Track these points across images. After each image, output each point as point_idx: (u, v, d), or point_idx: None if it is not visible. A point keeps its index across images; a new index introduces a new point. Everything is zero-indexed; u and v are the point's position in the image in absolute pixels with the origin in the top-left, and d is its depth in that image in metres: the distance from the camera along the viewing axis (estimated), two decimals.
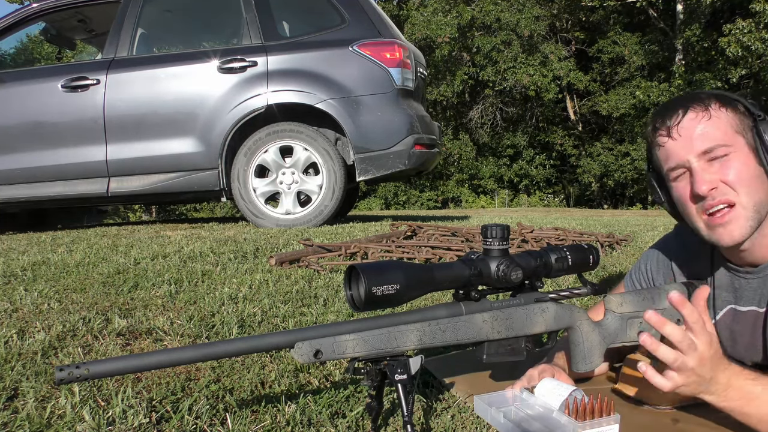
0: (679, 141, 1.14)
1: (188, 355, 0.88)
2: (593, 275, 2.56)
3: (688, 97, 1.18)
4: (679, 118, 1.14)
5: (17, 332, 1.57)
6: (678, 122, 1.14)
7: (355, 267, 0.95)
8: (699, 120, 1.13)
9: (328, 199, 3.87)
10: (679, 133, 1.14)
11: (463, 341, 1.02)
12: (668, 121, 1.15)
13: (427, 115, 4.29)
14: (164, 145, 3.92)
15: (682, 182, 1.16)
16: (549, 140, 23.14)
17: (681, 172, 1.16)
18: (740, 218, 1.12)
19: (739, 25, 14.80)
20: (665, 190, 1.23)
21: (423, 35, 18.87)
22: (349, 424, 1.12)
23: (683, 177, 1.16)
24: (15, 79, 4.04)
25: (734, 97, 1.17)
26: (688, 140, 1.13)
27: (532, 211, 12.68)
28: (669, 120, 1.15)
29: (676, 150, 1.14)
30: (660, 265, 1.39)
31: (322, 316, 1.80)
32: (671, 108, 1.17)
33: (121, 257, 2.69)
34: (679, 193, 1.18)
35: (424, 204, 23.51)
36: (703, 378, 0.99)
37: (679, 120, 1.14)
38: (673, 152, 1.15)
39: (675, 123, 1.14)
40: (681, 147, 1.14)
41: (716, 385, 1.00)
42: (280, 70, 3.91)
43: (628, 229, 4.63)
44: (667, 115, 1.16)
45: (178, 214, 19.85)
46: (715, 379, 0.99)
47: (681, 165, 1.15)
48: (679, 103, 1.17)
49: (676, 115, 1.15)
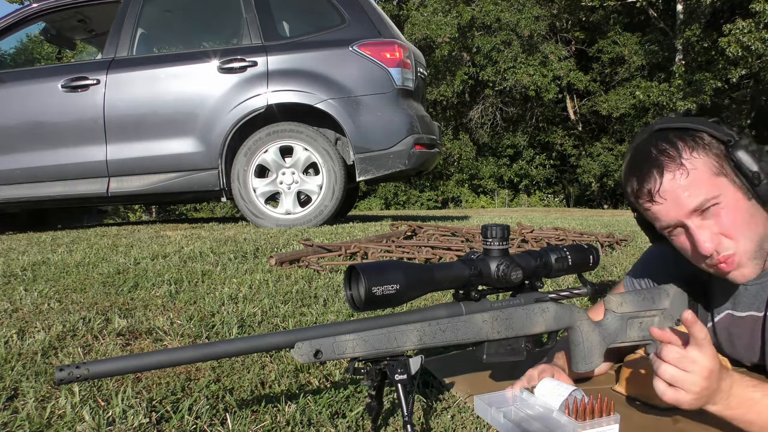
0: (665, 205, 1.11)
1: (188, 355, 0.88)
2: (593, 275, 2.56)
3: (653, 148, 1.12)
4: (658, 183, 1.10)
5: (17, 332, 1.57)
6: (658, 188, 1.10)
7: (355, 267, 0.95)
8: (677, 179, 1.09)
9: (328, 199, 3.87)
10: (663, 197, 1.10)
11: (463, 341, 1.02)
12: (646, 186, 1.12)
13: (427, 115, 4.29)
14: (164, 145, 3.92)
15: (681, 237, 1.15)
16: (549, 140, 23.15)
17: (676, 229, 1.14)
18: (745, 260, 1.11)
19: (739, 25, 14.80)
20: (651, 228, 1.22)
21: (423, 35, 18.87)
22: (349, 424, 1.11)
23: (680, 232, 1.14)
24: (15, 79, 4.04)
25: (696, 127, 1.11)
26: (675, 203, 1.10)
27: (532, 211, 12.68)
28: (647, 185, 1.12)
29: (665, 213, 1.12)
30: (660, 266, 1.39)
31: (322, 316, 1.80)
32: (645, 170, 1.12)
33: (121, 257, 2.69)
34: (679, 246, 1.17)
35: (424, 204, 23.51)
36: (710, 389, 0.98)
37: (658, 186, 1.10)
38: (662, 215, 1.13)
39: (655, 189, 1.11)
40: (670, 210, 1.11)
41: (720, 394, 0.99)
42: (280, 70, 3.91)
43: (628, 229, 4.63)
44: (644, 180, 1.12)
45: (178, 214, 19.86)
46: (719, 389, 0.99)
47: (674, 225, 1.13)
48: (650, 161, 1.11)
49: (653, 180, 1.11)
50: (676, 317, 1.28)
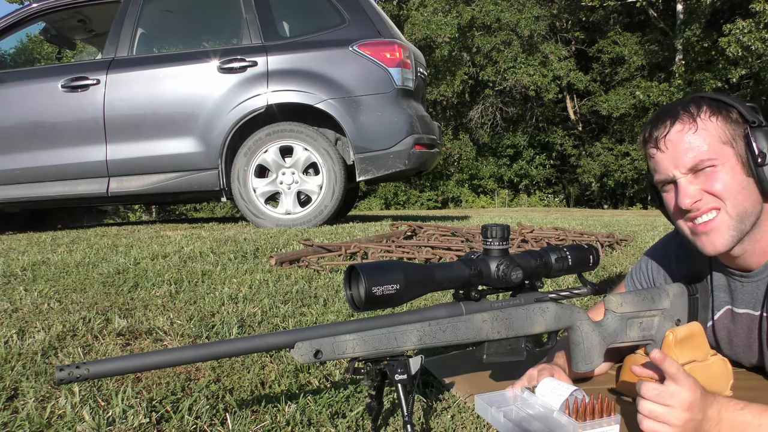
0: (666, 153, 1.15)
1: (188, 355, 0.88)
2: (593, 275, 2.56)
3: (680, 104, 1.17)
4: (667, 129, 1.15)
5: (17, 332, 1.57)
6: (665, 134, 1.15)
7: (355, 267, 0.95)
8: (685, 132, 1.13)
9: (328, 199, 3.87)
10: (666, 146, 1.15)
11: (463, 341, 1.02)
12: (656, 132, 1.17)
13: (427, 115, 4.29)
14: (164, 145, 3.92)
15: (670, 193, 1.18)
16: (549, 140, 23.14)
17: (668, 184, 1.18)
18: (722, 227, 1.13)
19: (739, 25, 14.80)
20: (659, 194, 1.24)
21: (423, 35, 18.86)
22: (349, 424, 1.11)
23: (670, 188, 1.18)
24: (15, 79, 4.04)
25: (730, 102, 1.15)
26: (674, 154, 1.14)
27: (532, 211, 12.68)
28: (657, 131, 1.17)
29: (663, 163, 1.16)
30: (660, 265, 1.39)
31: (322, 316, 1.80)
32: (661, 118, 1.18)
33: (121, 257, 2.69)
34: (668, 203, 1.20)
35: (424, 204, 23.50)
36: (695, 420, 0.97)
37: (666, 132, 1.15)
38: (660, 165, 1.17)
39: (662, 135, 1.15)
40: (668, 160, 1.15)
41: (708, 423, 0.98)
42: (280, 70, 3.91)
43: (628, 229, 4.63)
44: (656, 126, 1.17)
45: (178, 214, 19.85)
46: (706, 417, 0.97)
47: (668, 179, 1.16)
48: (670, 112, 1.17)
49: (664, 126, 1.16)
50: (676, 317, 1.28)
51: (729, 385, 1.24)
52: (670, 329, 1.24)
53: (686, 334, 1.23)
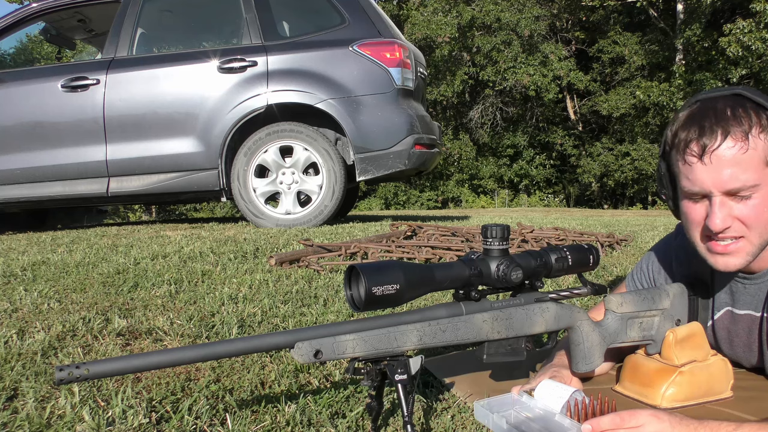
0: (708, 168, 1.06)
1: (188, 355, 0.88)
2: (593, 275, 2.56)
3: (729, 108, 1.07)
4: (716, 143, 1.05)
5: (17, 332, 1.57)
6: (713, 149, 1.05)
7: (355, 267, 0.94)
8: (735, 150, 1.04)
9: (328, 199, 3.87)
10: (711, 161, 1.06)
11: (463, 341, 1.02)
12: (704, 139, 1.06)
13: (427, 115, 4.29)
14: (164, 145, 3.92)
15: (697, 205, 1.11)
16: (549, 140, 23.14)
17: (699, 196, 1.10)
18: (741, 252, 1.11)
19: (740, 25, 14.81)
20: (673, 187, 1.18)
21: (423, 35, 18.87)
22: (349, 424, 1.11)
23: (699, 199, 1.11)
24: (15, 79, 4.04)
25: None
26: (718, 172, 1.05)
27: (532, 211, 12.68)
28: (705, 139, 1.06)
29: (702, 177, 1.07)
30: (661, 266, 1.39)
31: (322, 316, 1.80)
32: (710, 124, 1.06)
33: (121, 257, 2.69)
34: (689, 212, 1.14)
35: (424, 204, 23.50)
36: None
37: (715, 146, 1.05)
38: (698, 177, 1.08)
39: (711, 148, 1.05)
40: (708, 177, 1.06)
41: None
42: (280, 70, 3.91)
43: (628, 229, 4.63)
44: (705, 133, 1.06)
45: (178, 214, 19.85)
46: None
47: (702, 193, 1.09)
48: (720, 119, 1.06)
49: (714, 137, 1.05)
50: (676, 317, 1.28)
51: (729, 385, 1.24)
52: (671, 329, 1.24)
53: (686, 334, 1.23)
